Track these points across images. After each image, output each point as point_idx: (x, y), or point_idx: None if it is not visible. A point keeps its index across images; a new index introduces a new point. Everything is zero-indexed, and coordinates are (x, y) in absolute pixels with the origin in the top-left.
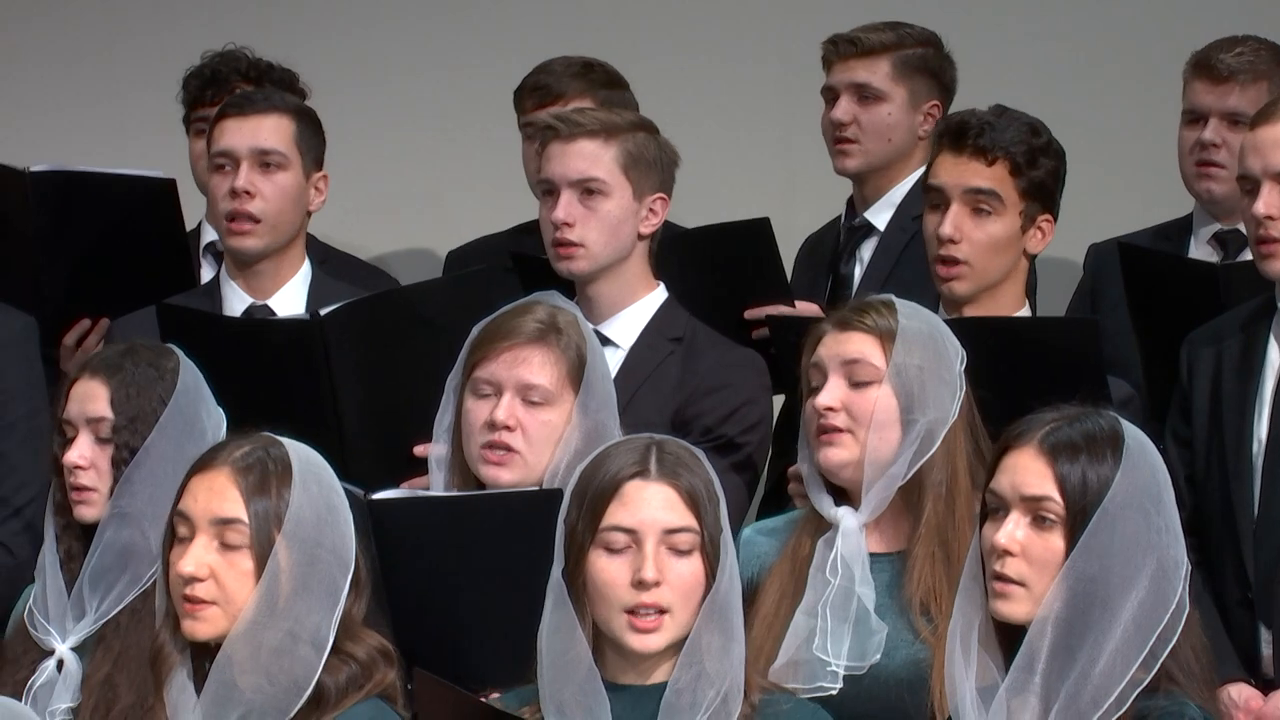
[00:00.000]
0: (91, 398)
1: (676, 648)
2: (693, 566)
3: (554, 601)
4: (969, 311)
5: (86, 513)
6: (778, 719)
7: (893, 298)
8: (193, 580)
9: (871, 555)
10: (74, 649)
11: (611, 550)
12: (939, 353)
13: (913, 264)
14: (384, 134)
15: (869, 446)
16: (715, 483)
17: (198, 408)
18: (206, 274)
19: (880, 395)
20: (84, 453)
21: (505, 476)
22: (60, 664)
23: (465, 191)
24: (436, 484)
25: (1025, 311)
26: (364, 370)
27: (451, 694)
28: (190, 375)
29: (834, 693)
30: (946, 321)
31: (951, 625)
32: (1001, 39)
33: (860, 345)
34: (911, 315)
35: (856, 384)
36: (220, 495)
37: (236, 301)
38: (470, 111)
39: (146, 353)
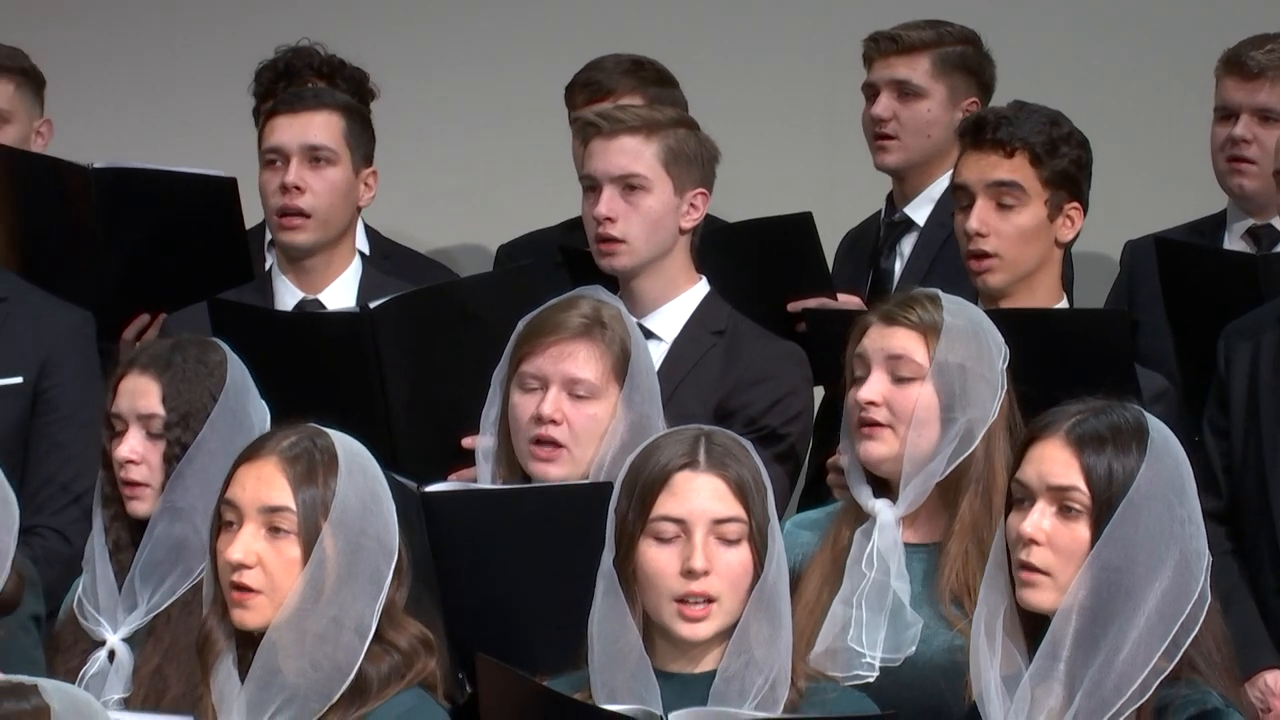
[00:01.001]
0: (142, 394)
1: (725, 636)
2: (741, 556)
3: (604, 590)
4: (1005, 304)
5: (139, 508)
6: (824, 706)
7: (939, 292)
8: (241, 567)
9: (909, 546)
10: (125, 640)
11: (661, 540)
12: (981, 350)
13: (952, 259)
14: (437, 129)
15: (909, 443)
16: (763, 473)
17: (245, 403)
18: None
19: (922, 393)
20: (135, 448)
21: (554, 472)
22: (111, 655)
23: (517, 186)
24: (484, 476)
25: (1063, 305)
26: (413, 363)
27: (514, 679)
28: (237, 370)
29: (870, 680)
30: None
31: (976, 614)
32: (1038, 38)
33: (904, 341)
34: (957, 311)
35: (899, 379)
36: (268, 484)
37: (288, 295)
38: (523, 107)
39: (194, 348)
